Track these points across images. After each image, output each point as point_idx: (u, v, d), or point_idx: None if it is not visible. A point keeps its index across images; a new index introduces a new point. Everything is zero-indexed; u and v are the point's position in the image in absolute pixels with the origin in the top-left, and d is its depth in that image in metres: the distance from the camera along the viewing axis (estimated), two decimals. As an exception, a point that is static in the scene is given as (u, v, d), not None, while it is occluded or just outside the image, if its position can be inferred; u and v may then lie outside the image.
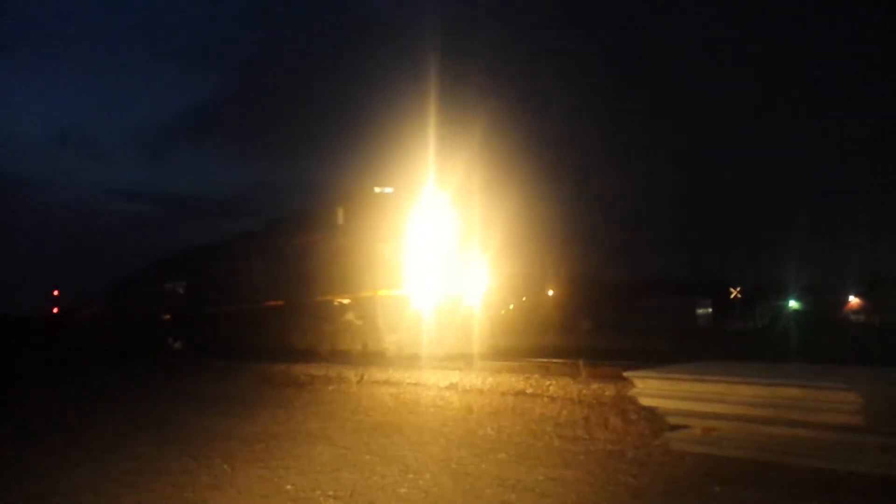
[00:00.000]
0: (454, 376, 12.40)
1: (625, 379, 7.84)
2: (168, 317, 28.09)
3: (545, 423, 8.29)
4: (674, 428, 6.98)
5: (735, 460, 6.16)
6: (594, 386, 10.67)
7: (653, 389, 7.19)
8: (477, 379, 12.24)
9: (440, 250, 15.77)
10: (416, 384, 12.39)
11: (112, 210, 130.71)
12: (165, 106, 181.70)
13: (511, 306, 17.01)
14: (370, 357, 15.95)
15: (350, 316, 17.11)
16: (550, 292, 50.08)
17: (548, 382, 11.31)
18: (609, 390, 10.07)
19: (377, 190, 16.85)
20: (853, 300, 62.69)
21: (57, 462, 7.38)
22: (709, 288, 64.91)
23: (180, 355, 24.97)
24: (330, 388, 12.75)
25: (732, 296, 68.38)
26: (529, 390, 10.83)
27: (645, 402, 7.27)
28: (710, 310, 62.39)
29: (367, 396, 11.39)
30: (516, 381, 11.72)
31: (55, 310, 49.39)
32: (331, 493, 5.72)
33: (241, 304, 22.26)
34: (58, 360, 23.55)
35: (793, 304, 58.54)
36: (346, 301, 17.22)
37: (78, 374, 18.23)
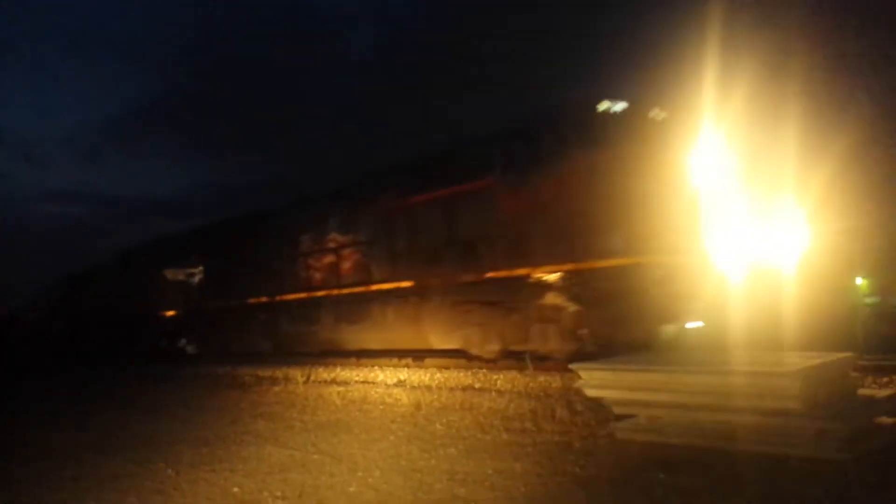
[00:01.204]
0: (402, 373, 12.41)
1: (571, 371, 7.94)
2: (171, 313, 22.77)
3: (493, 417, 8.33)
4: (619, 418, 7.10)
5: (679, 447, 6.28)
6: (541, 379, 10.84)
7: (598, 381, 7.31)
8: (425, 375, 12.29)
9: (729, 199, 10.60)
10: (363, 382, 12.38)
11: (47, 213, 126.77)
12: (103, 106, 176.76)
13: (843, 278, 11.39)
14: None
15: (554, 298, 11.61)
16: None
17: (495, 377, 11.45)
18: (556, 383, 10.25)
19: (604, 106, 11.04)
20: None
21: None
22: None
23: (191, 359, 20.83)
24: (277, 388, 12.63)
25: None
26: (477, 385, 10.93)
27: (591, 393, 7.38)
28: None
29: (314, 396, 11.30)
30: (464, 377, 11.82)
31: None
32: (279, 493, 5.66)
33: (317, 291, 16.51)
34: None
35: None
36: (550, 277, 11.61)
37: (20, 382, 17.67)
